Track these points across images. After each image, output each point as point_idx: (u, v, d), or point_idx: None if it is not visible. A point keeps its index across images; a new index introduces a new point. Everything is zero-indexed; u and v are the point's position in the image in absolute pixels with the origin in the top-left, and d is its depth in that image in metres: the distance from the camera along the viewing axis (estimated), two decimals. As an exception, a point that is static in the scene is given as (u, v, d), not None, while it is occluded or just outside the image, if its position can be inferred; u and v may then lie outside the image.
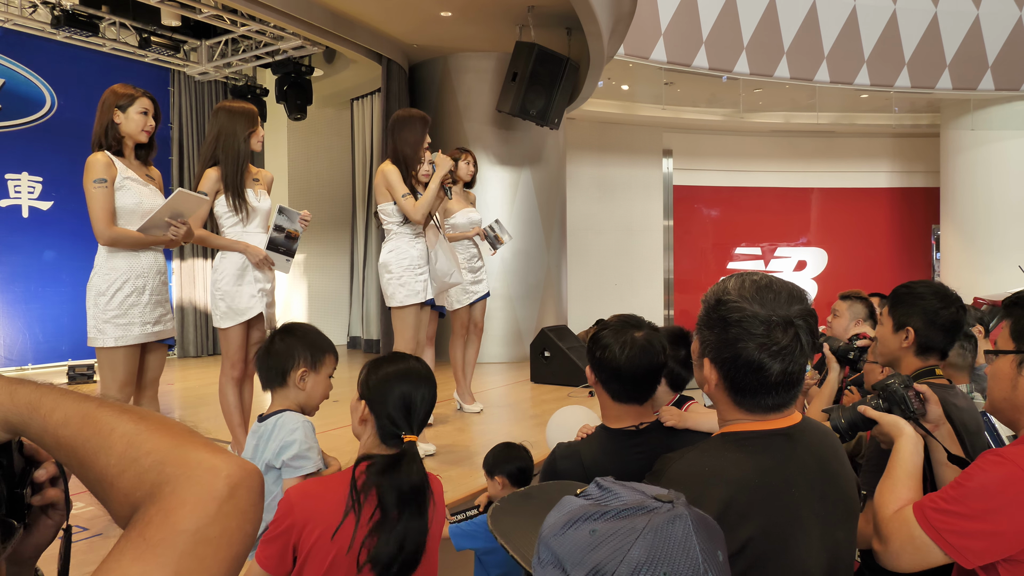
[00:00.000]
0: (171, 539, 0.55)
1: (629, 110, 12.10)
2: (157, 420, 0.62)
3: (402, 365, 1.77)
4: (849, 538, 1.33)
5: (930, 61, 10.97)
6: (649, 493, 0.77)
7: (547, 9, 6.93)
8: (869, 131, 13.27)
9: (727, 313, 1.24)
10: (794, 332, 1.22)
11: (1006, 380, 1.44)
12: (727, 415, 1.31)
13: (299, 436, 2.03)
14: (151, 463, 0.58)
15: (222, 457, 0.60)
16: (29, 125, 7.78)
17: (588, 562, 0.72)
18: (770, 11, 10.26)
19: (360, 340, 9.51)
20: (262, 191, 3.68)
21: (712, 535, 0.76)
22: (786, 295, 1.25)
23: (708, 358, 1.29)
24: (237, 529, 0.58)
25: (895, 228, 13.91)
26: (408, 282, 3.98)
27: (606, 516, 0.74)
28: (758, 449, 1.25)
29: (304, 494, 1.67)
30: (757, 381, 1.23)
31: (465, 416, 5.35)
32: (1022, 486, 1.24)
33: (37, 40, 7.67)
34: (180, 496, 0.56)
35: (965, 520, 1.26)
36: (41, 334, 7.82)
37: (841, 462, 1.35)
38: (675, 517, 0.73)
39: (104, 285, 3.10)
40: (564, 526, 0.75)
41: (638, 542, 0.71)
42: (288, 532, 1.61)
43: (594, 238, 12.45)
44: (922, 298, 2.10)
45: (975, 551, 1.26)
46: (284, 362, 2.09)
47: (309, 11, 6.94)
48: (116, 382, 3.07)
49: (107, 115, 3.12)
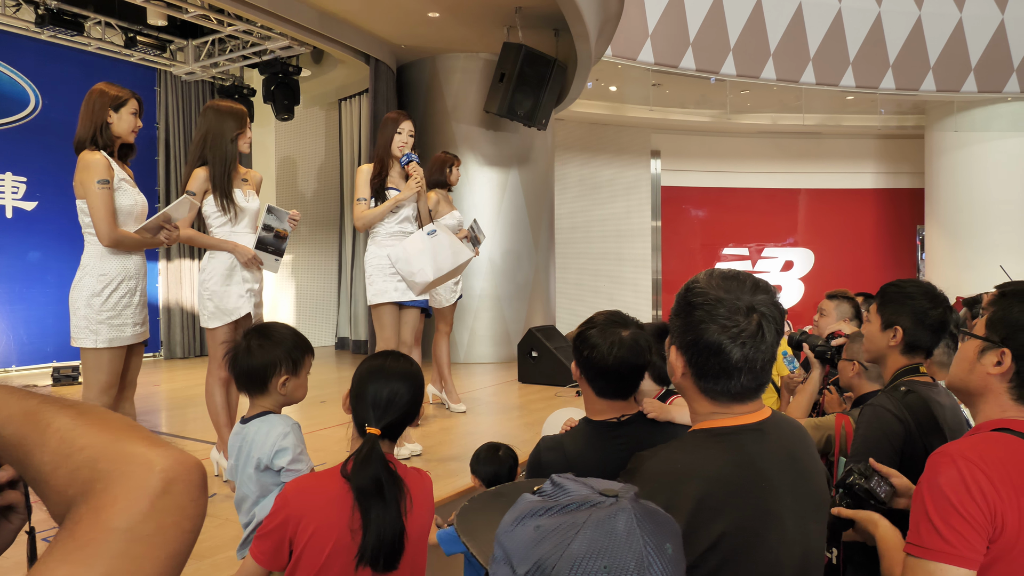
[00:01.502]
0: (101, 538, 0.52)
1: (617, 111, 12.15)
2: (96, 415, 0.59)
3: (377, 362, 1.81)
4: (820, 530, 1.35)
5: (914, 63, 11.08)
6: (598, 488, 0.78)
7: (534, 10, 6.94)
8: (855, 132, 13.38)
9: (693, 298, 1.28)
10: (757, 319, 1.24)
11: (966, 362, 1.47)
12: (698, 408, 1.33)
13: (291, 442, 2.02)
14: (84, 459, 0.56)
15: (159, 451, 0.57)
16: (13, 125, 7.72)
17: (531, 557, 0.72)
18: (756, 13, 10.32)
19: (348, 341, 9.50)
20: (251, 191, 3.68)
21: (660, 528, 0.76)
22: (751, 284, 1.28)
23: (675, 345, 1.32)
24: (173, 526, 0.55)
25: (881, 228, 14.02)
26: (376, 281, 4.01)
27: (551, 512, 0.75)
28: (730, 444, 1.27)
29: (299, 489, 1.69)
30: (719, 365, 1.25)
31: (452, 416, 5.36)
32: (971, 476, 1.26)
33: (21, 39, 7.62)
34: (112, 493, 0.54)
35: (945, 526, 1.26)
36: (25, 335, 7.76)
37: (811, 456, 1.38)
38: (618, 511, 0.73)
39: (99, 286, 3.08)
40: (513, 523, 0.76)
41: (578, 536, 0.72)
42: (284, 526, 1.63)
43: (583, 238, 12.49)
44: (912, 298, 2.12)
45: (968, 546, 1.25)
46: (265, 370, 2.05)
47: (296, 11, 6.93)
48: (100, 384, 3.05)
49: (101, 115, 3.10)
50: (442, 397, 5.67)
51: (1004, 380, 1.40)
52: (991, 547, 1.24)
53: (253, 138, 9.69)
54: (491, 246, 8.20)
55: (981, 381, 1.42)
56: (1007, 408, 1.39)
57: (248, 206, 3.59)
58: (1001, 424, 1.35)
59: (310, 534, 1.61)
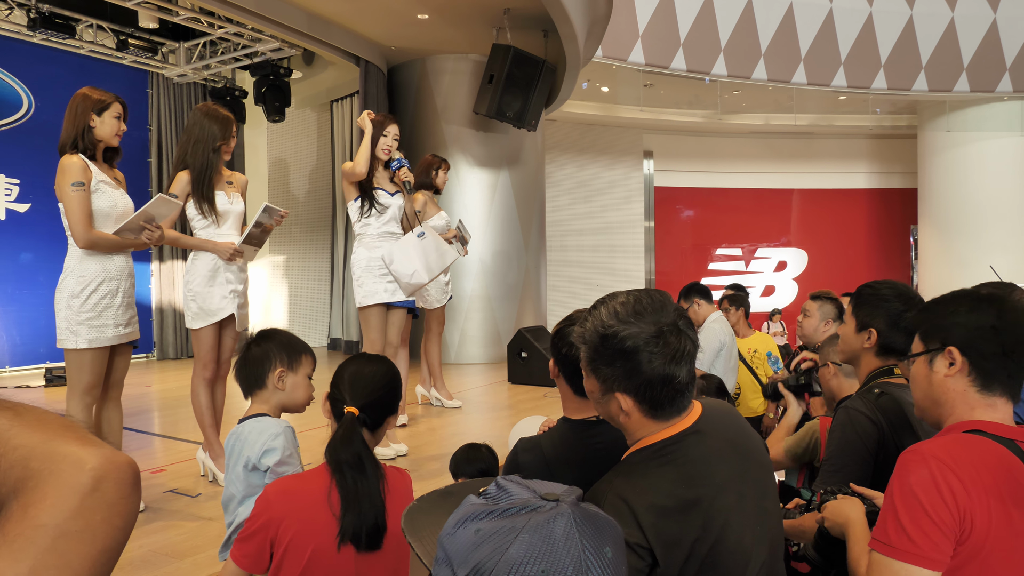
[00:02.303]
0: (28, 534, 0.53)
1: (609, 112, 12.18)
2: (33, 415, 0.60)
3: (355, 361, 1.86)
4: (774, 505, 1.39)
5: (906, 63, 11.11)
6: (540, 492, 0.79)
7: (523, 11, 6.97)
8: (847, 132, 13.42)
9: (620, 344, 1.28)
10: (680, 333, 1.29)
11: (923, 380, 1.48)
12: (639, 433, 1.34)
13: (280, 443, 2.03)
14: (17, 458, 0.57)
15: (91, 450, 0.58)
16: (6, 127, 7.74)
17: (471, 561, 0.74)
18: (747, 13, 10.36)
19: (340, 341, 9.53)
20: (235, 194, 3.70)
21: (599, 532, 0.77)
22: (658, 304, 1.31)
23: (619, 392, 1.32)
24: (102, 522, 0.56)
25: (874, 228, 14.06)
26: (365, 283, 4.06)
27: (492, 515, 0.76)
28: (676, 456, 1.30)
29: (280, 491, 1.69)
30: (672, 390, 1.29)
31: (437, 417, 5.39)
32: (943, 477, 1.27)
33: (13, 42, 7.64)
34: (42, 490, 0.55)
35: (913, 526, 1.27)
36: (18, 336, 7.79)
37: (749, 435, 1.41)
38: (557, 515, 0.75)
39: (78, 287, 3.11)
40: (455, 526, 0.78)
41: (516, 541, 0.73)
42: (265, 528, 1.63)
43: (575, 239, 12.52)
44: (886, 300, 2.13)
45: (935, 547, 1.25)
46: (261, 365, 2.10)
47: (285, 13, 6.96)
48: (82, 384, 3.07)
49: (83, 119, 3.13)
50: (430, 397, 5.70)
51: (963, 377, 1.41)
52: (960, 549, 1.25)
53: (246, 139, 9.74)
54: (482, 247, 8.23)
55: (942, 390, 1.44)
56: (975, 405, 1.40)
57: (232, 208, 3.62)
58: (972, 426, 1.37)
59: (291, 536, 1.60)
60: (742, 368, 5.31)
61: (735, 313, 5.58)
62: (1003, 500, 1.26)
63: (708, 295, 5.27)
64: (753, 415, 5.34)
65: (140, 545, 2.88)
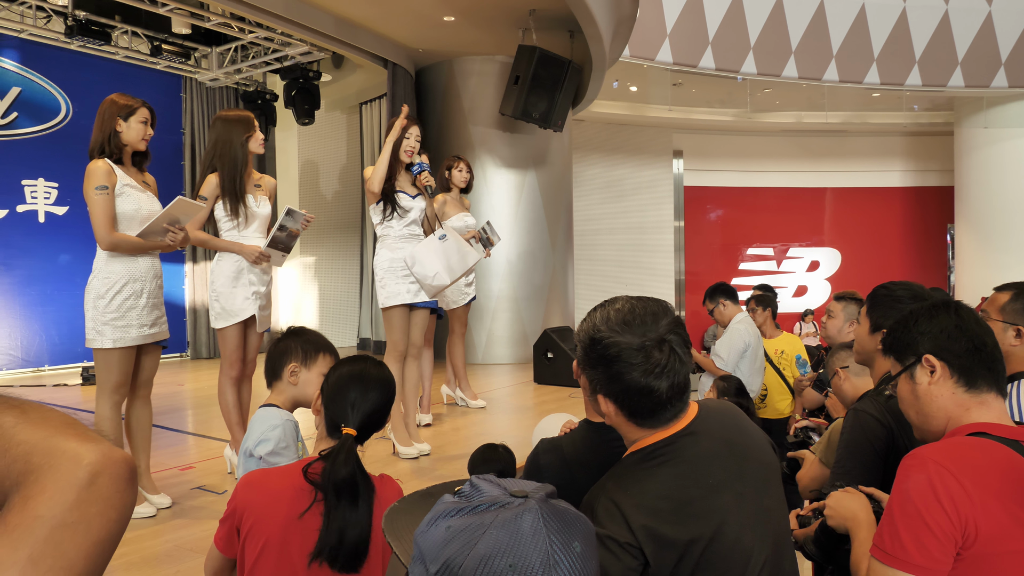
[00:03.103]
0: (27, 524, 0.57)
1: (638, 111, 12.12)
2: (38, 413, 0.64)
3: (358, 366, 1.85)
4: (777, 503, 1.37)
5: (941, 58, 10.89)
6: (511, 489, 0.81)
7: (549, 12, 6.98)
8: (882, 130, 13.19)
9: (604, 351, 1.30)
10: (669, 348, 1.28)
11: (910, 395, 1.48)
12: (631, 436, 1.36)
13: (275, 435, 2.08)
14: (20, 453, 0.60)
15: (89, 446, 0.61)
16: (45, 132, 7.96)
17: (441, 557, 0.76)
18: (777, 11, 10.24)
19: (369, 342, 9.62)
20: (263, 197, 3.77)
21: (568, 527, 0.79)
22: (651, 315, 1.31)
23: (601, 394, 1.34)
24: (97, 515, 0.59)
25: (909, 228, 13.80)
26: (388, 284, 4.08)
27: (462, 513, 0.78)
28: (669, 458, 1.30)
29: (246, 482, 1.74)
30: (651, 402, 1.29)
31: (462, 416, 5.42)
32: (942, 482, 1.25)
33: (52, 49, 7.86)
34: (41, 484, 0.58)
35: (908, 534, 1.25)
36: (57, 336, 8.00)
37: (748, 434, 1.40)
38: (524, 511, 0.77)
39: (103, 288, 3.19)
40: (427, 523, 0.80)
41: (484, 536, 0.75)
42: (232, 515, 1.70)
43: (605, 239, 12.49)
44: (900, 301, 2.12)
45: (930, 556, 1.24)
46: (280, 357, 2.18)
47: (314, 18, 7.05)
48: (110, 382, 3.16)
49: (110, 124, 3.22)
50: (455, 397, 5.74)
51: (947, 380, 1.42)
52: (964, 554, 1.23)
53: (277, 142, 9.89)
54: (508, 247, 8.25)
55: (930, 399, 1.44)
56: (968, 405, 1.40)
57: (259, 211, 3.69)
58: (975, 428, 1.36)
59: (250, 526, 1.66)
60: (769, 369, 5.26)
61: (762, 313, 5.52)
62: (1008, 503, 1.24)
63: (734, 295, 5.23)
64: (780, 416, 5.28)
65: (165, 540, 2.95)
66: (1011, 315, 2.10)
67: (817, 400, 4.27)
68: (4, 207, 7.71)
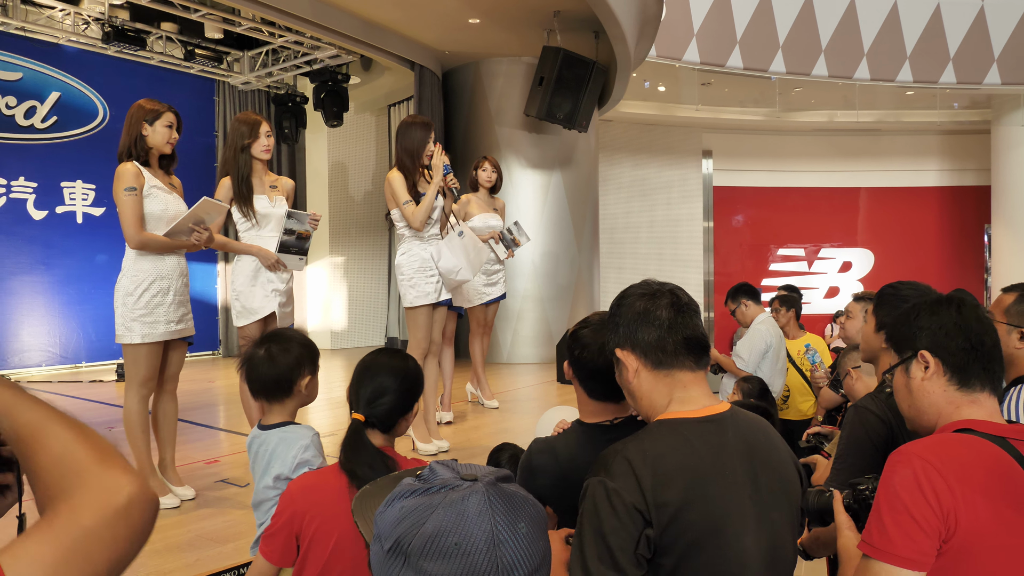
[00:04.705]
0: (68, 528, 0.67)
1: (667, 111, 12.07)
2: (93, 438, 0.75)
3: (370, 357, 1.90)
4: (787, 520, 1.40)
5: (977, 55, 10.67)
6: (463, 472, 0.86)
7: (573, 13, 7.01)
8: (917, 128, 12.95)
9: (616, 310, 1.51)
10: (669, 293, 1.49)
11: (904, 389, 1.50)
12: (658, 400, 1.43)
13: (311, 455, 2.06)
14: (74, 469, 0.72)
15: (129, 478, 0.72)
16: (83, 135, 8.21)
17: (393, 535, 0.81)
18: (807, 9, 10.14)
19: (397, 341, 9.73)
20: (279, 197, 3.85)
21: (515, 509, 0.83)
22: (654, 288, 1.51)
23: (619, 349, 1.48)
24: (124, 538, 0.70)
25: (945, 228, 13.53)
26: (418, 283, 4.12)
27: (415, 494, 0.83)
28: (689, 433, 1.35)
29: (302, 486, 1.78)
30: (656, 331, 1.43)
31: (482, 414, 5.48)
32: (926, 476, 1.27)
33: (90, 55, 8.09)
34: (87, 499, 0.69)
35: (895, 526, 1.27)
36: (94, 333, 8.23)
37: (773, 446, 1.43)
38: (472, 493, 0.81)
39: (131, 286, 3.32)
40: (385, 504, 0.85)
41: (432, 516, 0.80)
42: (290, 523, 1.71)
43: (633, 239, 12.45)
44: (906, 300, 2.12)
45: (916, 548, 1.26)
46: (291, 372, 2.07)
47: (342, 22, 7.17)
48: (138, 377, 3.28)
49: (136, 128, 3.34)
50: (477, 395, 5.79)
51: (940, 378, 1.43)
52: (945, 547, 1.25)
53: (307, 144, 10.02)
54: (533, 247, 8.27)
55: (922, 394, 1.46)
56: (959, 403, 1.41)
57: (274, 212, 3.76)
58: (962, 425, 1.38)
59: (315, 529, 1.68)
60: (791, 371, 5.22)
61: (785, 314, 5.49)
62: (993, 499, 1.25)
63: (756, 296, 5.20)
64: (803, 418, 5.25)
65: (188, 530, 3.05)
66: (1016, 317, 2.09)
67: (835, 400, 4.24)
68: (44, 208, 7.95)
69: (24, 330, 7.83)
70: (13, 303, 7.75)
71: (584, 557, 1.26)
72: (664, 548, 1.26)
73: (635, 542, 1.24)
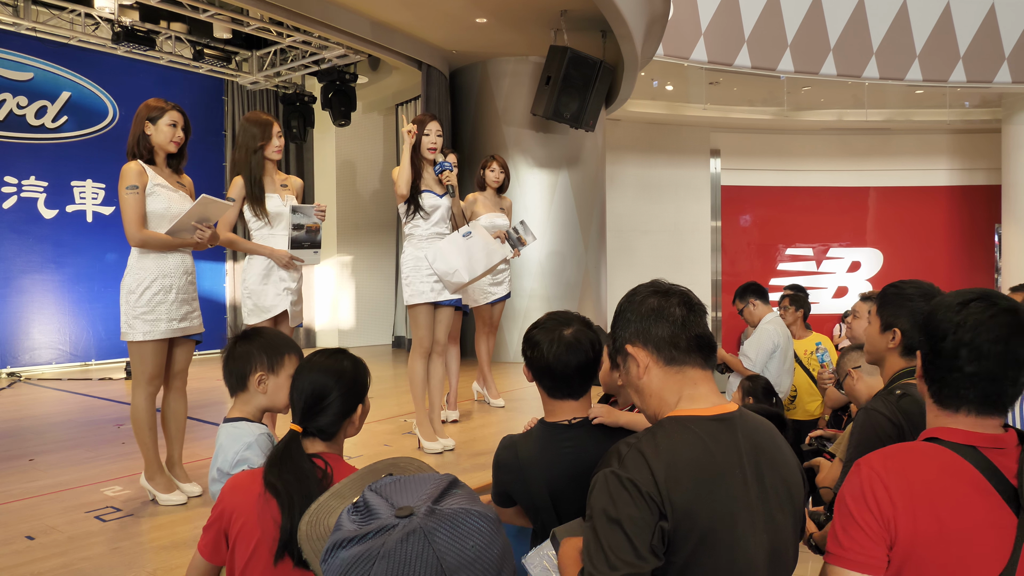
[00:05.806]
0: None
1: (675, 110, 12.05)
2: None
3: (309, 358, 1.84)
4: (790, 522, 1.41)
5: (987, 54, 10.61)
6: (397, 506, 0.83)
7: (580, 13, 7.01)
8: (926, 127, 12.88)
9: (626, 307, 1.50)
10: (679, 293, 1.50)
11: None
12: (668, 397, 1.44)
13: (252, 454, 2.02)
14: None
15: None
16: (93, 135, 8.26)
17: None
18: (815, 7, 10.10)
19: (404, 340, 9.75)
20: (290, 196, 3.88)
21: (457, 528, 0.80)
22: (665, 287, 1.52)
23: (629, 344, 1.46)
24: None
25: (955, 228, 13.45)
26: (413, 282, 4.16)
27: (353, 543, 0.80)
28: (701, 431, 1.36)
29: (232, 486, 1.76)
30: (669, 327, 1.44)
31: (488, 413, 5.49)
32: (869, 485, 1.29)
33: (100, 55, 8.15)
34: None
35: (843, 532, 1.30)
36: (103, 331, 8.29)
37: (779, 448, 1.44)
38: (408, 534, 0.78)
39: (134, 284, 3.34)
40: (328, 551, 0.82)
41: (373, 569, 0.77)
42: (219, 519, 1.71)
43: (640, 239, 12.43)
44: (910, 300, 2.12)
45: (863, 551, 1.29)
46: (243, 367, 2.05)
47: (350, 22, 7.19)
48: (145, 374, 3.30)
49: (139, 127, 3.36)
50: (484, 393, 5.80)
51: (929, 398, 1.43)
52: (891, 554, 1.29)
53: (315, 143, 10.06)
54: (540, 247, 8.29)
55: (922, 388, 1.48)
56: (937, 414, 1.41)
57: (286, 211, 3.79)
58: (930, 434, 1.39)
59: (239, 528, 1.67)
60: (798, 371, 5.22)
61: (793, 314, 5.48)
62: (934, 507, 1.26)
63: (764, 295, 5.19)
64: (810, 418, 5.24)
65: (194, 526, 3.07)
66: None
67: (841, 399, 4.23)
68: (54, 207, 8.01)
69: (35, 328, 7.89)
70: (24, 301, 7.81)
71: (603, 549, 1.25)
72: (676, 544, 1.27)
73: (651, 532, 1.25)
